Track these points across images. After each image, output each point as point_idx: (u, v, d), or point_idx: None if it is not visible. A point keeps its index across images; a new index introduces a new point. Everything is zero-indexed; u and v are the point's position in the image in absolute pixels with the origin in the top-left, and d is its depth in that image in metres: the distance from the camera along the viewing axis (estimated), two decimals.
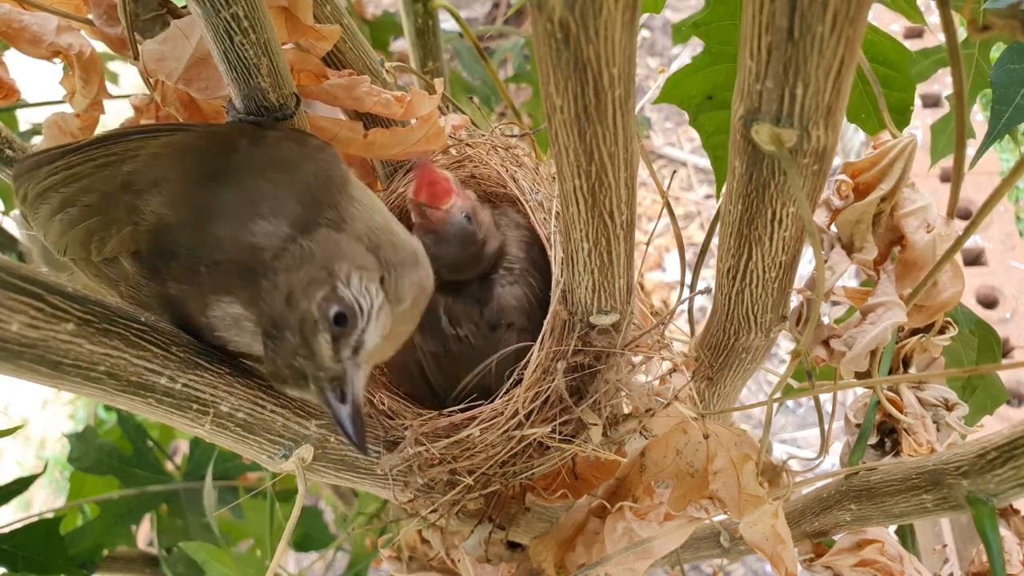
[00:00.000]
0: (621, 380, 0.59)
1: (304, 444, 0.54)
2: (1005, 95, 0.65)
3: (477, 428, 0.59)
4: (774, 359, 2.26)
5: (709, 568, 1.98)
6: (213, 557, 0.90)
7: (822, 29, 0.33)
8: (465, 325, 0.67)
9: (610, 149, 0.41)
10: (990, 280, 1.84)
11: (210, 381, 0.48)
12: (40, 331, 0.39)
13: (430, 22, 1.12)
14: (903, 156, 0.57)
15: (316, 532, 1.24)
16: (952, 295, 0.59)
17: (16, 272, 0.38)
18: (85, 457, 1.15)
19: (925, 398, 0.65)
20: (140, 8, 0.60)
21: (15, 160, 0.71)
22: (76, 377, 0.42)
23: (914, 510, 0.55)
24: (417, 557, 0.74)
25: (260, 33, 0.51)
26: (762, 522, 0.58)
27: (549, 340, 0.58)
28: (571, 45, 0.34)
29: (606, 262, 0.50)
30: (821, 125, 0.38)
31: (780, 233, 0.47)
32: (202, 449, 1.20)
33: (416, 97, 0.66)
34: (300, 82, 0.63)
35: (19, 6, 0.62)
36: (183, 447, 2.24)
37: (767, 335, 0.59)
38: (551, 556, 0.65)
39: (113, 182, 0.52)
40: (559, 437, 0.59)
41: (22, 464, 2.85)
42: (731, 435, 0.60)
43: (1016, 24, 0.34)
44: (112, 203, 0.51)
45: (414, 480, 0.61)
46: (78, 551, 1.10)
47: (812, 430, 2.18)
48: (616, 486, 0.65)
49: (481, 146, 0.73)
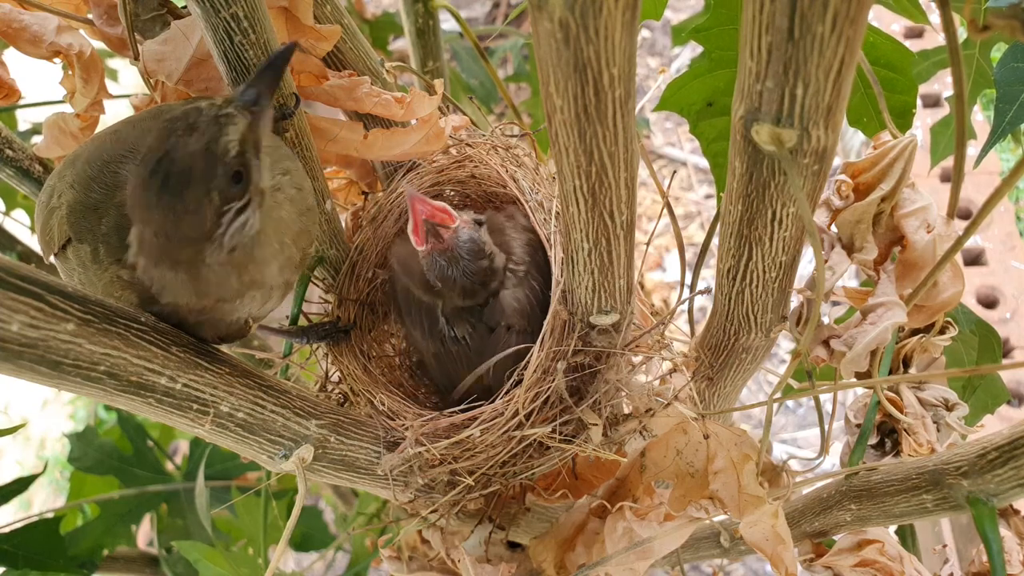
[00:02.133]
0: (621, 380, 0.59)
1: (304, 444, 0.54)
2: (1009, 93, 0.65)
3: (477, 428, 0.59)
4: (774, 359, 2.26)
5: (709, 568, 1.98)
6: (206, 556, 0.90)
7: (822, 29, 0.33)
8: (462, 327, 0.67)
9: (610, 149, 0.41)
10: (990, 280, 1.84)
11: (210, 381, 0.48)
12: (40, 331, 0.39)
13: (430, 22, 1.12)
14: (903, 156, 0.57)
15: (316, 532, 1.24)
16: (952, 295, 0.59)
17: (16, 272, 0.38)
18: (85, 457, 1.15)
19: (925, 398, 0.65)
20: (140, 8, 0.60)
21: (15, 160, 0.71)
22: (76, 377, 0.42)
23: (914, 510, 0.55)
24: (417, 557, 0.74)
25: (260, 33, 0.51)
26: (762, 522, 0.58)
27: (549, 340, 0.58)
28: (571, 45, 0.34)
29: (606, 262, 0.50)
30: (821, 125, 0.38)
31: (780, 233, 0.47)
32: (202, 449, 1.20)
33: (416, 98, 0.66)
34: (300, 83, 0.63)
35: (19, 6, 0.62)
36: (183, 447, 2.24)
37: (767, 335, 0.59)
38: (551, 556, 0.65)
39: (59, 175, 0.53)
40: (559, 437, 0.59)
41: (22, 464, 2.85)
42: (731, 435, 0.60)
43: (1016, 24, 0.34)
44: (54, 193, 0.53)
45: (414, 480, 0.61)
46: (78, 551, 1.10)
47: (812, 430, 2.18)
48: (616, 486, 0.65)
49: (481, 146, 0.73)
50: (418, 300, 0.70)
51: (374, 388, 0.66)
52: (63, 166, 0.54)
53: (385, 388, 0.67)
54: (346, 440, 0.57)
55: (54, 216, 0.52)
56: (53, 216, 0.52)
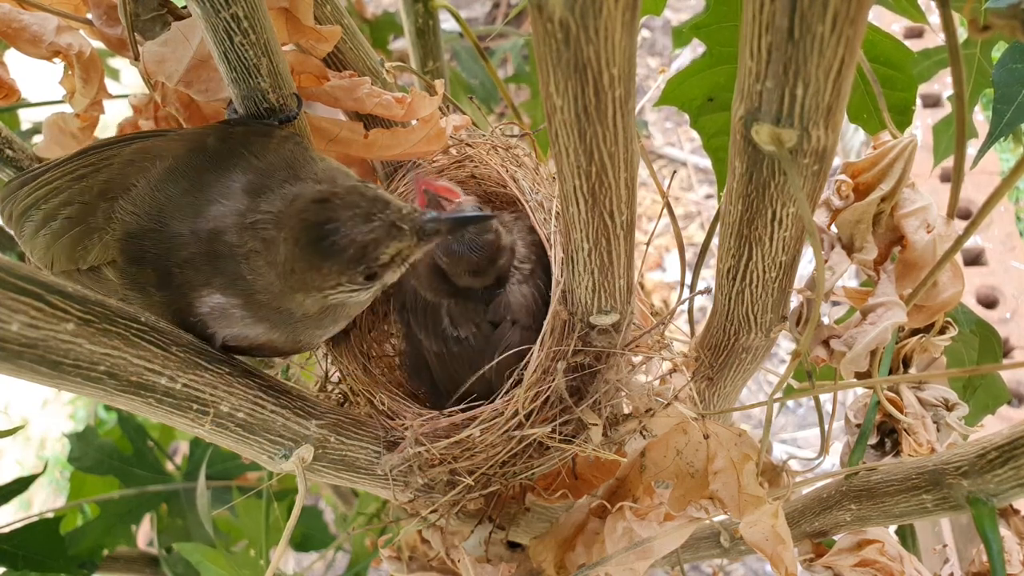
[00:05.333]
0: (621, 380, 0.59)
1: (304, 444, 0.54)
2: (1007, 94, 0.65)
3: (477, 428, 0.59)
4: (774, 359, 2.26)
5: (709, 568, 1.98)
6: (207, 558, 0.90)
7: (822, 29, 0.33)
8: (466, 326, 0.67)
9: (610, 149, 0.41)
10: (990, 280, 1.84)
11: (210, 381, 0.48)
12: (40, 331, 0.39)
13: (430, 22, 1.12)
14: (903, 156, 0.57)
15: (316, 532, 1.25)
16: (952, 295, 0.59)
17: (16, 272, 0.38)
18: (85, 457, 1.15)
19: (925, 398, 0.65)
20: (140, 8, 0.60)
21: (15, 160, 0.71)
22: (76, 377, 0.42)
23: (914, 510, 0.55)
24: (417, 557, 0.74)
25: (260, 34, 0.51)
26: (762, 522, 0.58)
27: (549, 340, 0.58)
28: (571, 45, 0.34)
29: (606, 262, 0.50)
30: (821, 125, 0.38)
31: (780, 233, 0.47)
32: (202, 449, 1.20)
33: (417, 98, 0.66)
34: (301, 84, 0.63)
35: (19, 6, 0.62)
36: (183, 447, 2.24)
37: (767, 335, 0.59)
38: (551, 556, 0.65)
39: (91, 192, 0.52)
40: (559, 437, 0.59)
41: (22, 464, 2.85)
42: (731, 435, 0.60)
43: (1016, 24, 0.34)
44: (91, 212, 0.52)
45: (414, 480, 0.61)
46: (78, 551, 1.10)
47: (812, 430, 2.18)
48: (616, 486, 0.65)
49: (481, 146, 0.73)
50: (423, 300, 0.70)
51: (374, 388, 0.66)
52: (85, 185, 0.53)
53: (385, 388, 0.67)
54: (346, 440, 0.57)
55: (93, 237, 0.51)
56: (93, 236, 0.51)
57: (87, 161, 0.54)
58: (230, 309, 0.50)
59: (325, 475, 0.58)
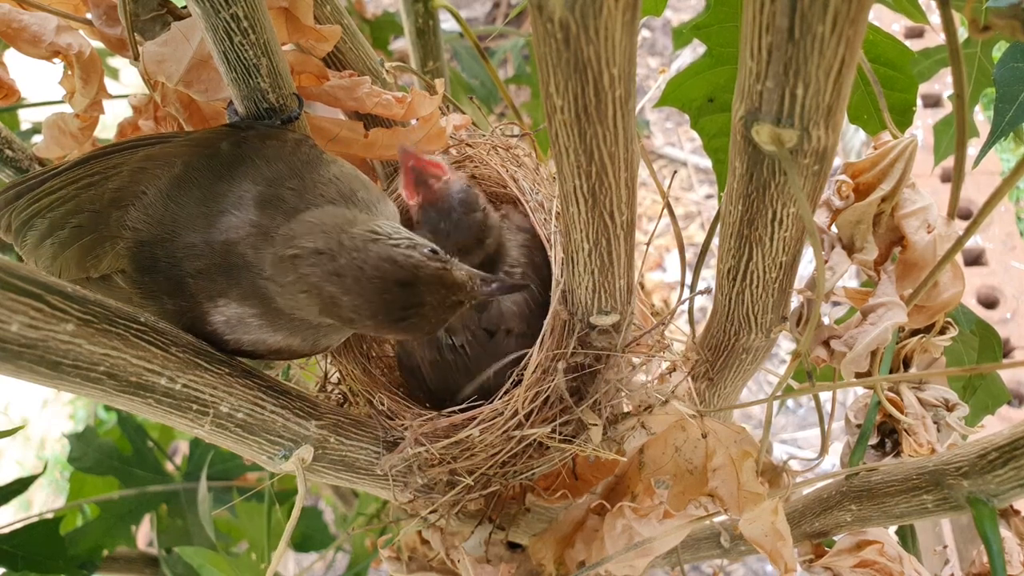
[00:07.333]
0: (621, 380, 0.59)
1: (304, 444, 0.54)
2: (1008, 93, 0.65)
3: (477, 428, 0.58)
4: (774, 359, 2.26)
5: (709, 568, 1.98)
6: (209, 562, 0.90)
7: (822, 29, 0.33)
8: (461, 334, 0.66)
9: (610, 149, 0.41)
10: (990, 280, 1.84)
11: (210, 381, 0.48)
12: (40, 331, 0.39)
13: (430, 22, 1.12)
14: (904, 156, 0.57)
15: (316, 532, 1.24)
16: (952, 295, 0.59)
17: (16, 272, 0.38)
18: (85, 457, 1.15)
19: (926, 398, 0.65)
20: (140, 8, 0.60)
21: (15, 160, 0.71)
22: (76, 377, 0.42)
23: (914, 511, 0.55)
24: (417, 557, 0.74)
25: (260, 33, 0.51)
26: (762, 518, 0.58)
27: (549, 340, 0.58)
28: (571, 45, 0.34)
29: (606, 262, 0.50)
30: (821, 125, 0.38)
31: (780, 233, 0.47)
32: (202, 449, 1.20)
33: (417, 98, 0.66)
34: (301, 84, 0.63)
35: (19, 6, 0.62)
36: (183, 447, 2.24)
37: (767, 336, 0.59)
38: (550, 553, 0.65)
39: (101, 200, 0.52)
40: (559, 437, 0.59)
41: (22, 464, 2.85)
42: (730, 432, 0.60)
43: (1017, 24, 0.34)
44: (103, 220, 0.51)
45: (414, 480, 0.61)
46: (78, 551, 1.10)
47: (812, 430, 2.18)
48: (615, 483, 0.65)
49: (481, 146, 0.73)
50: None
51: (373, 388, 0.66)
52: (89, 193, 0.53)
53: (385, 388, 0.67)
54: (346, 440, 0.57)
55: (105, 245, 0.51)
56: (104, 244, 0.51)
57: (93, 169, 0.53)
58: (247, 318, 0.50)
59: (325, 475, 0.58)
